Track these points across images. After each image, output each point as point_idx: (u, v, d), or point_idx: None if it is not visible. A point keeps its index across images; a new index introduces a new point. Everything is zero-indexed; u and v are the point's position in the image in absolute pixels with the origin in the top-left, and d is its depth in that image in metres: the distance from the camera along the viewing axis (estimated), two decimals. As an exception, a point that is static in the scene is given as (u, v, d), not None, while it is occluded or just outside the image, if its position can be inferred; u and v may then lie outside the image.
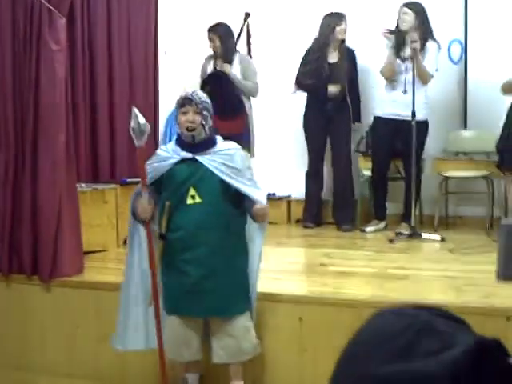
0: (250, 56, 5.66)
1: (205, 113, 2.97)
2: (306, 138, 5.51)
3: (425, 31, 5.11)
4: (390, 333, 0.54)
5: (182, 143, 3.01)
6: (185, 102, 2.96)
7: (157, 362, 3.07)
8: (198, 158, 2.96)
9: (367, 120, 5.55)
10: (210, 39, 5.36)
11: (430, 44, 5.10)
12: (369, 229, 5.19)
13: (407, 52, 5.09)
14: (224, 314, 2.99)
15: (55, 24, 3.62)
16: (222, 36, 5.32)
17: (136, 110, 2.83)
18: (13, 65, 3.70)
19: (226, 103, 4.98)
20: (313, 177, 5.52)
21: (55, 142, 3.64)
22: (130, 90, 4.89)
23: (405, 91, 5.03)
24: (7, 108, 3.72)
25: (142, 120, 2.81)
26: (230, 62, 5.33)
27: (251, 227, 3.08)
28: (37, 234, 3.75)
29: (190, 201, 2.94)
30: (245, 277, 3.05)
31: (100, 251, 4.49)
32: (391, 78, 5.15)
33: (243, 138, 5.04)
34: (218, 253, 2.95)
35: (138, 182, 4.66)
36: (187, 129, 2.94)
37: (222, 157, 2.98)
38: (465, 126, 5.64)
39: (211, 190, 2.95)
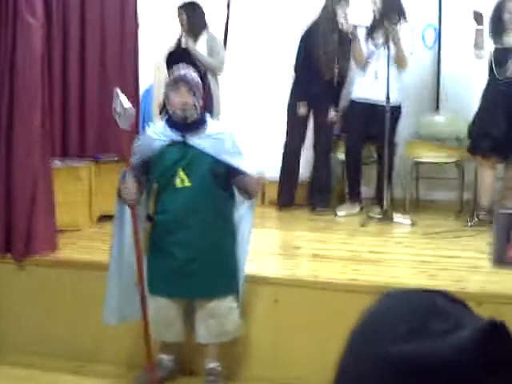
0: (226, 39, 5.65)
1: (197, 93, 2.97)
2: (288, 118, 5.46)
3: (398, 13, 5.13)
4: (400, 314, 0.57)
5: (172, 124, 2.99)
6: (177, 82, 2.94)
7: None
8: (188, 140, 2.96)
9: (345, 103, 5.57)
10: (179, 15, 5.34)
11: (403, 26, 5.11)
12: (340, 213, 5.20)
13: (380, 38, 5.12)
14: (210, 295, 3.02)
15: (32, -2, 3.54)
16: (188, 12, 5.31)
17: (118, 91, 2.80)
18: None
19: None
20: (291, 158, 5.52)
21: (30, 118, 3.58)
22: (102, 65, 4.81)
23: (375, 76, 5.08)
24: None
25: (125, 102, 2.78)
26: (195, 37, 5.30)
27: (240, 209, 3.10)
28: (10, 212, 3.70)
29: (179, 184, 2.94)
30: (232, 259, 3.08)
31: (73, 230, 4.45)
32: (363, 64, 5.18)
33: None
34: (206, 236, 2.97)
35: (111, 160, 4.68)
36: (180, 109, 2.92)
37: (214, 141, 2.98)
38: (437, 110, 5.71)
39: (201, 173, 2.94)
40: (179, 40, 5.37)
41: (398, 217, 4.85)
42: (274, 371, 3.28)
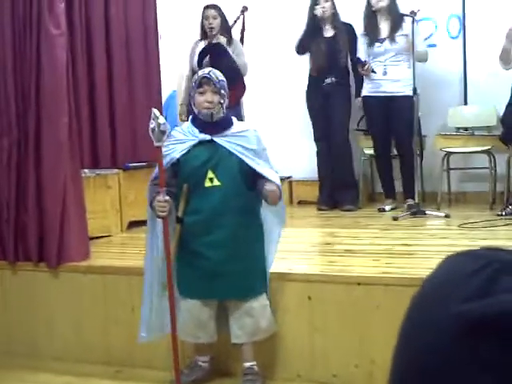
0: (242, 42, 5.68)
1: (222, 92, 2.96)
2: (310, 118, 5.48)
3: (397, 10, 5.12)
4: (467, 272, 0.53)
5: (198, 123, 2.99)
6: (202, 82, 2.94)
7: (166, 344, 3.08)
8: (215, 139, 2.95)
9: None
10: (209, 16, 5.30)
11: (409, 21, 5.07)
12: (387, 207, 5.18)
13: (384, 33, 5.11)
14: (243, 296, 3.01)
15: (55, 8, 3.58)
16: (220, 12, 5.32)
17: (156, 111, 2.79)
18: (13, 50, 3.67)
19: (225, 72, 5.04)
20: (322, 157, 5.49)
21: (58, 125, 3.62)
22: (129, 74, 4.85)
23: (384, 73, 5.07)
24: (9, 93, 3.69)
25: (161, 120, 2.78)
26: (229, 37, 5.33)
27: (268, 209, 3.08)
28: (42, 220, 3.73)
29: (208, 184, 2.93)
30: (262, 258, 3.07)
31: (104, 236, 4.49)
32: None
33: (235, 110, 5.13)
34: (237, 235, 2.95)
35: (140, 167, 4.71)
36: (206, 109, 2.92)
37: (240, 139, 2.96)
38: (465, 101, 5.63)
39: (229, 172, 2.93)
40: (208, 42, 5.36)
41: (430, 210, 4.79)
42: (310, 369, 3.24)
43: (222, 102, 2.96)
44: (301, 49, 5.38)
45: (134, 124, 4.60)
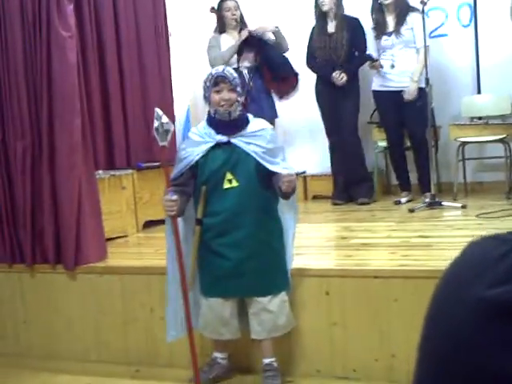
0: None
1: (238, 89, 2.95)
2: (321, 113, 5.47)
3: (404, 3, 5.10)
4: (493, 256, 0.53)
5: (215, 124, 2.98)
6: (218, 80, 2.93)
7: (185, 342, 3.08)
8: (232, 141, 2.94)
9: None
10: (231, 7, 5.32)
11: (414, 15, 5.04)
12: (403, 199, 5.17)
13: (391, 26, 5.10)
14: (263, 293, 3.02)
15: (64, 10, 3.59)
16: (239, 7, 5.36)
17: (159, 111, 2.79)
18: (24, 53, 3.68)
19: (280, 66, 5.19)
20: (334, 151, 5.48)
21: (71, 127, 3.63)
22: (141, 73, 4.85)
23: (392, 66, 5.07)
24: (21, 96, 3.71)
25: (165, 119, 2.77)
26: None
27: (283, 208, 3.08)
28: (58, 222, 3.75)
29: (226, 185, 2.93)
30: (282, 255, 3.08)
31: (120, 237, 4.50)
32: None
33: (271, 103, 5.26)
34: (256, 235, 2.96)
35: (154, 167, 4.72)
36: (223, 107, 2.91)
37: (257, 138, 2.96)
38: (478, 90, 5.57)
39: (247, 173, 2.93)
40: (231, 31, 5.36)
41: (447, 201, 4.75)
42: (330, 364, 3.23)
43: (238, 99, 2.95)
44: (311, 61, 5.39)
45: (147, 123, 4.61)
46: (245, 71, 5.24)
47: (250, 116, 3.07)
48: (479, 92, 5.56)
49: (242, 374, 3.29)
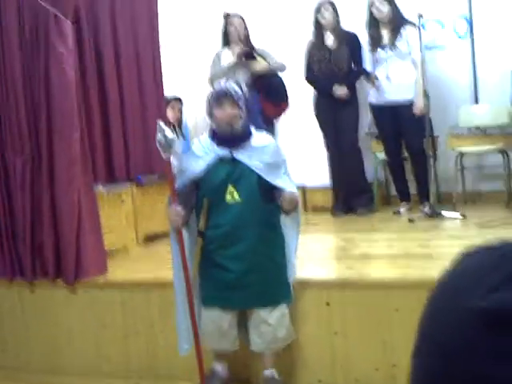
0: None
1: (241, 104, 2.96)
2: (320, 126, 5.48)
3: (398, 17, 5.13)
4: (487, 265, 0.53)
5: (217, 138, 2.99)
6: (220, 96, 2.94)
7: (186, 355, 3.08)
8: (235, 156, 2.96)
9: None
10: (234, 23, 5.34)
11: (409, 28, 5.07)
12: (402, 209, 5.18)
13: (386, 39, 5.14)
14: (263, 305, 3.02)
15: (62, 27, 3.61)
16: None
17: (162, 124, 2.81)
18: (22, 69, 3.70)
19: (278, 88, 5.29)
20: (333, 164, 5.49)
21: (70, 141, 3.64)
22: (139, 87, 4.86)
23: (387, 78, 5.11)
24: (20, 112, 3.72)
25: (168, 133, 2.79)
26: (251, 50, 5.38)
27: (286, 221, 3.08)
28: (58, 236, 3.74)
29: (229, 199, 2.94)
30: (283, 268, 3.08)
31: (121, 251, 4.49)
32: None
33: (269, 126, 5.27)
34: (258, 248, 2.96)
35: (153, 181, 4.72)
36: (226, 123, 2.92)
37: (260, 153, 2.97)
38: (476, 100, 5.60)
39: (250, 188, 2.94)
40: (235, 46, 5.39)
41: (446, 210, 4.75)
42: (331, 375, 3.22)
43: (241, 114, 2.96)
44: (310, 74, 5.41)
45: (146, 135, 4.61)
46: (243, 84, 5.26)
47: (253, 130, 3.09)
48: (477, 102, 5.59)
49: (243, 385, 3.28)
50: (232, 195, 2.94)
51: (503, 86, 5.24)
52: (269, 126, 5.07)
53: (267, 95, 5.33)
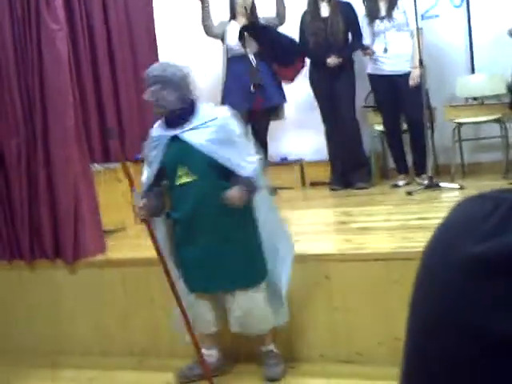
0: None
1: (157, 85, 2.82)
2: (315, 98, 5.44)
3: None
4: (480, 214, 0.52)
5: (165, 121, 2.94)
6: (145, 82, 2.87)
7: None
8: (180, 136, 2.87)
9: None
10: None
11: None
12: (401, 182, 5.16)
13: (383, 11, 5.09)
14: (234, 287, 2.97)
15: (53, 3, 3.56)
16: None
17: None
18: (14, 49, 3.66)
19: (287, 50, 5.25)
20: (331, 137, 5.46)
21: (64, 120, 3.61)
22: (134, 64, 4.81)
23: (385, 50, 5.07)
24: (13, 93, 3.69)
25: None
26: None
27: (278, 236, 3.04)
28: (56, 217, 3.73)
29: (181, 180, 2.89)
30: (252, 248, 2.98)
31: (118, 229, 4.49)
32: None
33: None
34: (219, 223, 2.90)
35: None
36: (154, 106, 2.87)
37: (206, 130, 2.85)
38: (472, 70, 5.55)
39: (200, 166, 2.85)
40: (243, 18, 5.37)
41: (444, 182, 4.74)
42: (333, 349, 3.23)
43: (165, 92, 2.82)
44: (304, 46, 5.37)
45: (142, 114, 4.58)
46: (251, 57, 5.24)
47: (205, 105, 2.96)
48: (473, 72, 5.54)
49: (245, 362, 3.29)
50: (184, 176, 2.87)
51: (499, 56, 5.19)
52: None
53: (277, 61, 5.31)
